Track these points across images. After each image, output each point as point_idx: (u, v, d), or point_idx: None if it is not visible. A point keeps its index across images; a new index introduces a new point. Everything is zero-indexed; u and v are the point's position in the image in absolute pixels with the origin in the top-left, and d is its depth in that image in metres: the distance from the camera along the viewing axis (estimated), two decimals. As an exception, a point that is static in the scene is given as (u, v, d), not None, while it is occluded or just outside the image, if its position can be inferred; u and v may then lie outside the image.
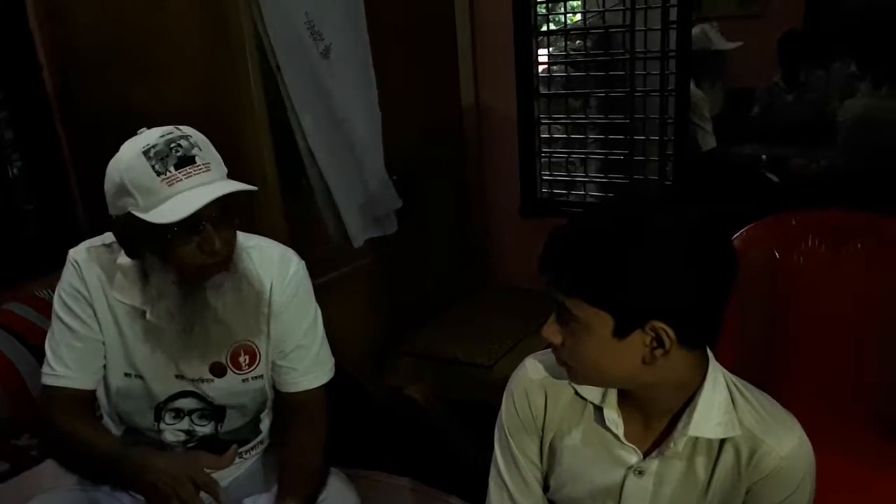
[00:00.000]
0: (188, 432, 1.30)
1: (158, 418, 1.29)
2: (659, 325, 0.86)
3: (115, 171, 1.11)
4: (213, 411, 1.30)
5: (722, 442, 0.95)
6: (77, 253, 1.25)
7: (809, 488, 0.96)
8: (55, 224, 2.16)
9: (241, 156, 1.78)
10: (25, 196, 2.16)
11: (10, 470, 1.63)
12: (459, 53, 2.61)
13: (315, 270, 1.39)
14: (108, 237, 1.24)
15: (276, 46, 1.81)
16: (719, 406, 0.94)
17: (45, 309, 1.89)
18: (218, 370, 1.27)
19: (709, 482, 0.97)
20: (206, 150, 1.13)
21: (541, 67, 2.64)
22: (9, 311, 1.87)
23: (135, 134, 1.14)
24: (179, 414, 1.29)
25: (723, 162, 3.00)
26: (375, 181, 2.17)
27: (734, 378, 0.99)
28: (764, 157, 3.12)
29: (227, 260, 1.16)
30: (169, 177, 1.07)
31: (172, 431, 1.30)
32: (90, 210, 2.19)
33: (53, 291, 1.96)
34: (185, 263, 1.12)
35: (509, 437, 1.08)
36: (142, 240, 1.13)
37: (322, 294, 1.39)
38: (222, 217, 1.12)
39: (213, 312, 1.16)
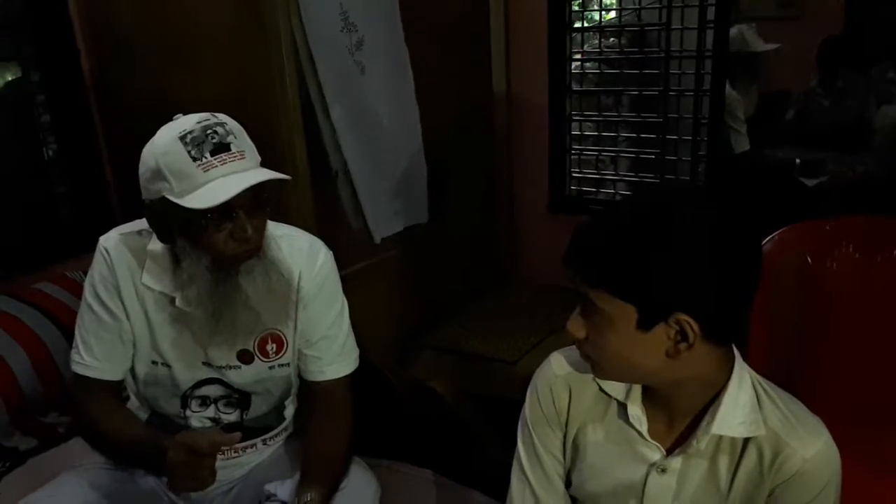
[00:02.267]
0: (214, 419, 1.31)
1: (185, 405, 1.30)
2: (683, 317, 0.85)
3: (150, 155, 1.11)
4: (239, 399, 1.31)
5: (746, 442, 0.94)
6: (107, 240, 1.26)
7: (833, 495, 0.94)
8: (88, 207, 2.20)
9: (272, 145, 1.79)
10: (60, 179, 2.20)
11: (38, 446, 1.66)
12: (492, 48, 2.60)
13: (342, 261, 1.40)
14: (140, 224, 1.25)
15: (310, 36, 1.82)
16: (744, 405, 0.93)
17: (77, 290, 1.93)
18: (245, 357, 1.28)
19: (731, 482, 0.95)
20: (240, 137, 1.13)
21: (574, 64, 2.62)
22: (41, 292, 1.90)
23: (169, 120, 1.16)
24: (205, 401, 1.30)
25: (756, 165, 2.95)
26: (410, 170, 2.17)
27: (761, 379, 0.98)
28: (798, 161, 3.07)
29: (257, 247, 1.17)
30: (205, 163, 1.08)
31: (198, 418, 1.31)
32: (123, 194, 2.22)
33: (85, 273, 2.01)
34: (217, 249, 1.13)
35: (532, 432, 1.08)
36: (175, 224, 1.14)
37: (348, 284, 1.40)
38: (255, 205, 1.12)
39: (243, 298, 1.17)
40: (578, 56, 2.62)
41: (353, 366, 1.36)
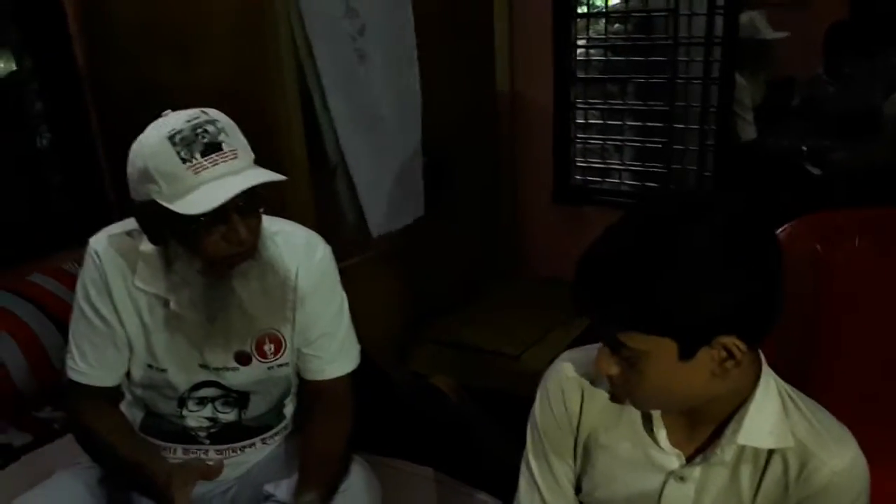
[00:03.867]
0: (211, 419, 1.28)
1: (182, 405, 1.27)
2: (727, 340, 0.79)
3: (138, 155, 1.07)
4: (237, 398, 1.28)
5: (771, 453, 0.90)
6: (97, 243, 1.21)
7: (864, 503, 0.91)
8: (83, 197, 2.16)
9: (271, 138, 1.75)
10: (53, 168, 2.16)
11: (33, 442, 1.64)
12: (496, 35, 2.55)
13: (341, 254, 1.37)
14: (130, 223, 1.20)
15: (308, 22, 1.78)
16: (771, 414, 0.89)
17: (71, 282, 1.88)
18: (243, 359, 1.24)
19: (755, 494, 0.92)
20: (233, 135, 1.08)
21: (578, 51, 2.57)
22: (34, 283, 1.87)
23: (166, 108, 1.11)
24: (203, 401, 1.27)
25: (763, 153, 2.91)
26: (407, 163, 2.13)
27: (787, 385, 0.94)
28: (805, 149, 3.03)
29: (252, 248, 1.13)
30: (195, 164, 1.03)
31: (195, 418, 1.27)
32: (119, 183, 2.17)
33: (79, 264, 1.97)
34: (209, 253, 1.09)
35: (543, 436, 1.04)
36: (166, 227, 1.10)
37: (347, 278, 1.36)
38: (248, 206, 1.08)
39: (237, 301, 1.13)
40: (583, 42, 2.57)
41: (353, 363, 1.33)
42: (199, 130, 1.04)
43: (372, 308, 1.90)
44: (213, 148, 1.04)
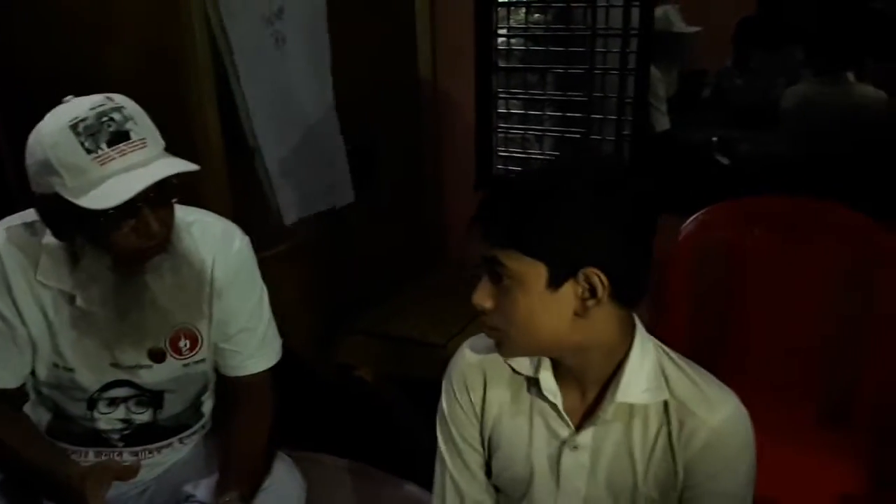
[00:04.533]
0: (124, 420, 1.23)
1: (91, 407, 1.21)
2: (592, 271, 0.86)
3: (38, 145, 1.00)
4: (151, 398, 1.23)
5: (656, 415, 0.95)
6: None
7: (747, 461, 0.95)
8: (-21, 186, 2.02)
9: (185, 124, 1.69)
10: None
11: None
12: (417, 22, 2.53)
13: (261, 243, 1.33)
14: (30, 214, 1.13)
15: (223, 5, 1.71)
16: (648, 372, 0.94)
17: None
18: (157, 356, 1.19)
19: (647, 458, 0.96)
20: (141, 122, 1.03)
21: (500, 40, 2.58)
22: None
23: (70, 91, 1.04)
24: (114, 402, 1.22)
25: (676, 144, 3.01)
26: (327, 150, 2.09)
27: (666, 347, 0.99)
28: (714, 139, 3.15)
29: (164, 241, 1.08)
30: (101, 155, 0.97)
31: (107, 420, 1.22)
32: (20, 169, 2.04)
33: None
34: (119, 247, 1.04)
35: (451, 425, 1.07)
36: (70, 222, 1.03)
37: (268, 268, 1.33)
38: (160, 197, 1.03)
39: (150, 296, 1.09)
40: (504, 31, 2.58)
41: (274, 358, 1.30)
42: (105, 118, 0.99)
43: (295, 298, 1.87)
44: (120, 137, 0.99)
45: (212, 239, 1.21)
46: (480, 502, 1.08)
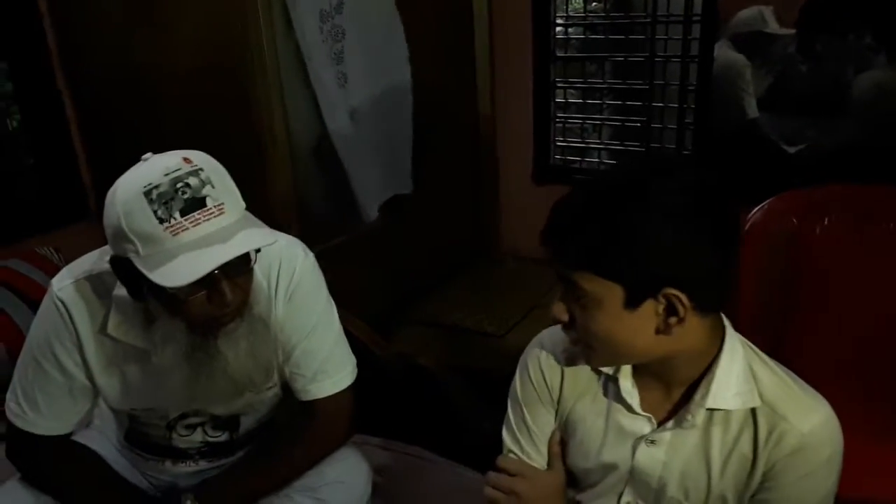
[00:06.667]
0: (202, 442, 1.23)
1: (170, 429, 1.21)
2: (671, 292, 0.82)
3: (113, 210, 0.94)
4: (227, 421, 1.22)
5: (741, 415, 0.92)
6: (62, 290, 1.08)
7: (835, 469, 0.92)
8: (56, 180, 2.10)
9: (250, 117, 1.73)
10: (25, 151, 2.10)
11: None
12: (475, 11, 2.52)
13: (323, 233, 1.33)
14: (101, 262, 1.08)
15: (288, 2, 1.74)
16: (738, 376, 0.91)
17: (47, 266, 1.86)
18: None
19: (726, 457, 0.93)
20: (220, 185, 0.95)
21: (557, 29, 2.56)
22: (10, 269, 1.83)
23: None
24: (192, 427, 1.21)
25: (741, 132, 2.94)
26: (397, 141, 2.10)
27: (756, 349, 0.96)
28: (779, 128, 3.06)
29: (242, 306, 1.03)
30: (174, 225, 0.91)
31: (185, 441, 1.22)
32: (94, 165, 2.13)
33: (54, 249, 1.93)
34: (193, 315, 0.99)
35: (524, 409, 1.06)
36: (145, 286, 0.98)
37: (329, 258, 1.34)
38: (236, 268, 0.97)
39: (222, 365, 1.04)
40: (562, 21, 2.56)
41: (343, 382, 1.22)
42: (180, 185, 0.92)
43: (355, 289, 1.89)
44: (195, 205, 0.92)
45: (273, 267, 1.15)
46: None
